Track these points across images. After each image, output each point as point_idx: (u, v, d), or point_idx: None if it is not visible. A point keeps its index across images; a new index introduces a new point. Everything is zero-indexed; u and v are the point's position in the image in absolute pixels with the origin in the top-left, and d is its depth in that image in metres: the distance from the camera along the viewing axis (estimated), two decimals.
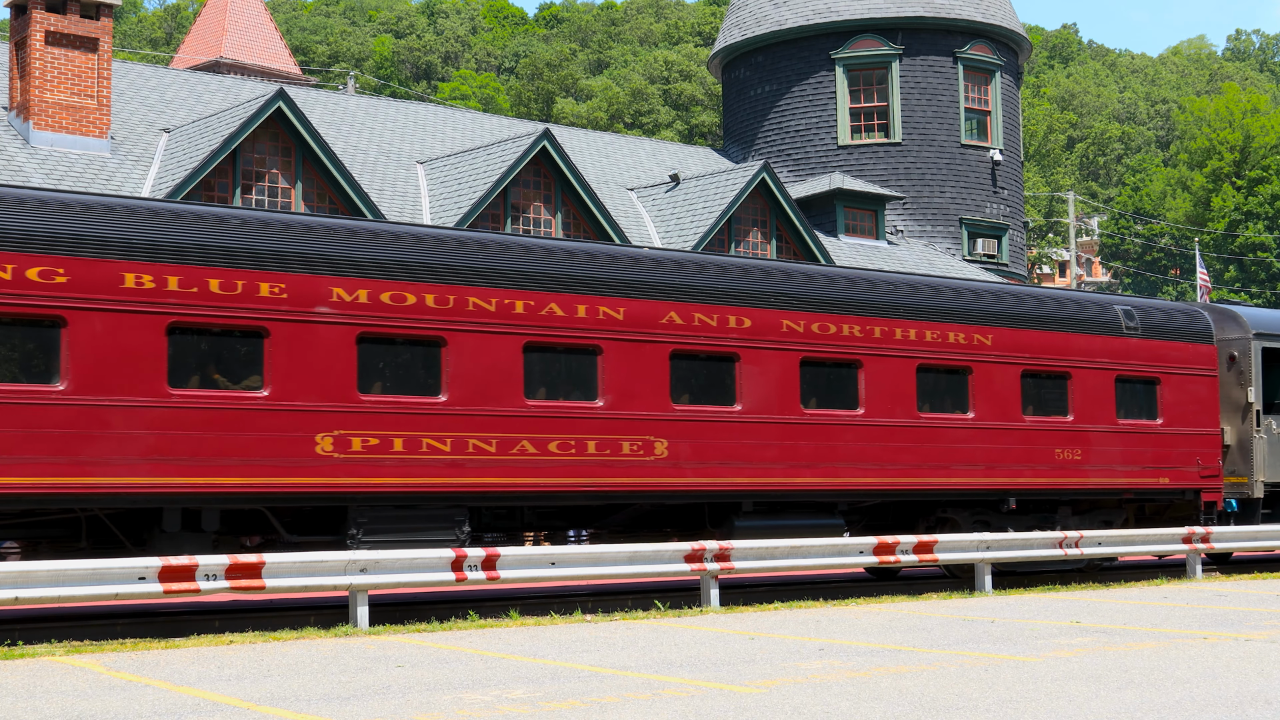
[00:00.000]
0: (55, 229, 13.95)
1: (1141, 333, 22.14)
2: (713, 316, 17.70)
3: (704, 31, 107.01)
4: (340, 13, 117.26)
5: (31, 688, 9.94)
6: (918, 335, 19.53)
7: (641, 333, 17.14)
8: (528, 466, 16.13)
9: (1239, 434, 23.31)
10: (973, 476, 19.83)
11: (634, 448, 16.87)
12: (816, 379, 18.62)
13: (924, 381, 19.59)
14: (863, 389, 18.93)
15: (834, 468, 18.51)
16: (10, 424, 13.48)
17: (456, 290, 15.95)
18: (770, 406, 18.00)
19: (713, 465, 17.46)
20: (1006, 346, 20.46)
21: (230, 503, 14.70)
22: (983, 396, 20.07)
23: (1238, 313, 23.96)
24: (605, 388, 16.79)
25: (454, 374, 15.80)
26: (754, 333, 17.98)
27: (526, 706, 8.98)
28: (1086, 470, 21.09)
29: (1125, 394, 21.83)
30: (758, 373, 17.94)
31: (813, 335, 18.52)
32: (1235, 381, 23.48)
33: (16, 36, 25.85)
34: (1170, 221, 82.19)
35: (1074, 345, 21.27)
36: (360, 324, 15.36)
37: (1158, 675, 10.31)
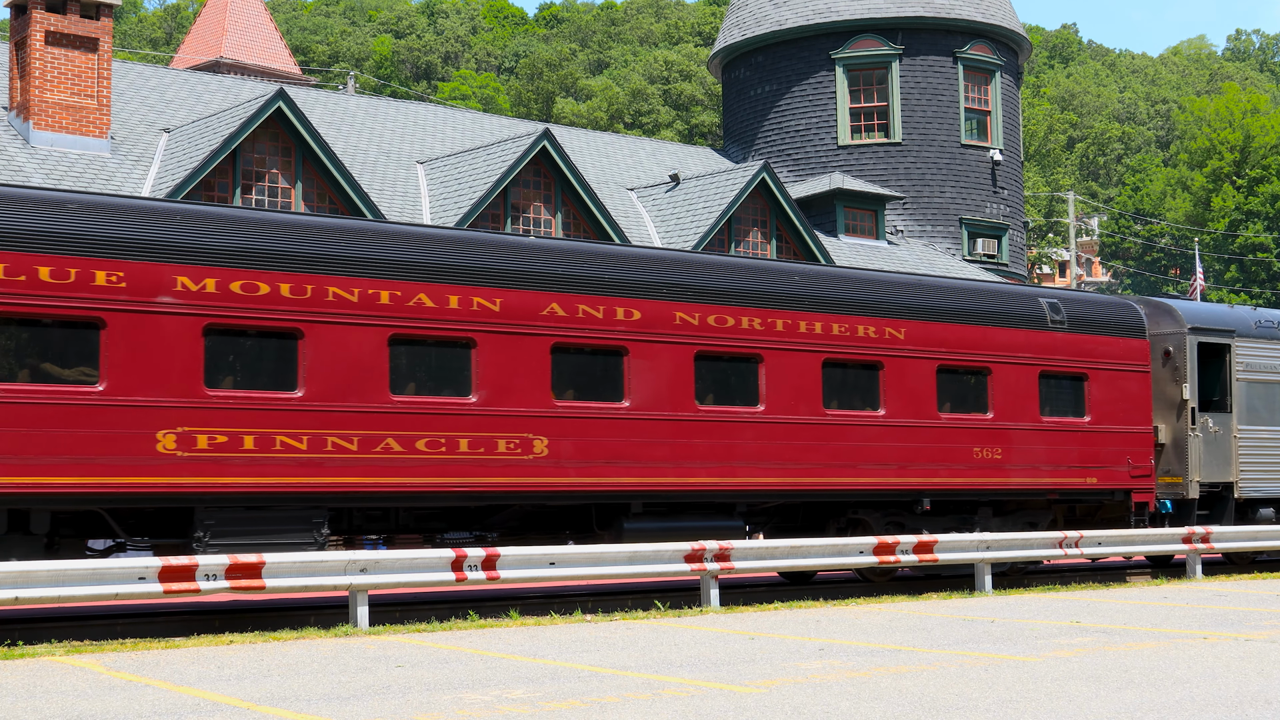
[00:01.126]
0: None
1: (1068, 326, 21.29)
2: (598, 308, 16.87)
3: (704, 31, 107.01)
4: (340, 13, 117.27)
5: (31, 688, 9.94)
6: (824, 328, 18.69)
7: (520, 325, 16.32)
8: (394, 466, 15.35)
9: (1174, 432, 22.50)
10: (884, 476, 19.04)
11: (511, 446, 16.10)
12: (713, 374, 17.82)
13: (831, 377, 18.78)
14: (763, 384, 18.09)
15: (732, 467, 17.69)
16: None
17: (315, 279, 15.12)
18: (662, 403, 17.23)
19: (598, 464, 16.68)
20: (921, 340, 19.62)
21: (61, 504, 13.93)
22: (895, 393, 19.28)
23: (1172, 306, 23.16)
24: (479, 383, 16.01)
25: (312, 368, 15.02)
26: (644, 325, 17.19)
27: (526, 706, 8.98)
28: (1008, 470, 20.29)
29: (1050, 390, 21.01)
30: (648, 367, 17.16)
31: (708, 328, 17.71)
32: (1170, 378, 22.66)
33: (16, 36, 25.85)
34: (1170, 221, 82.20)
35: (994, 339, 20.42)
36: (207, 315, 14.53)
37: (1158, 675, 10.31)
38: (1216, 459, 22.70)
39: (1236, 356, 23.24)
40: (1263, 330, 23.90)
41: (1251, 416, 23.28)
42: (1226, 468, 22.80)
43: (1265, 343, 23.80)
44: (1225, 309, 24.34)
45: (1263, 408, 23.49)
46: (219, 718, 8.72)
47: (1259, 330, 23.83)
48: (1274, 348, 23.88)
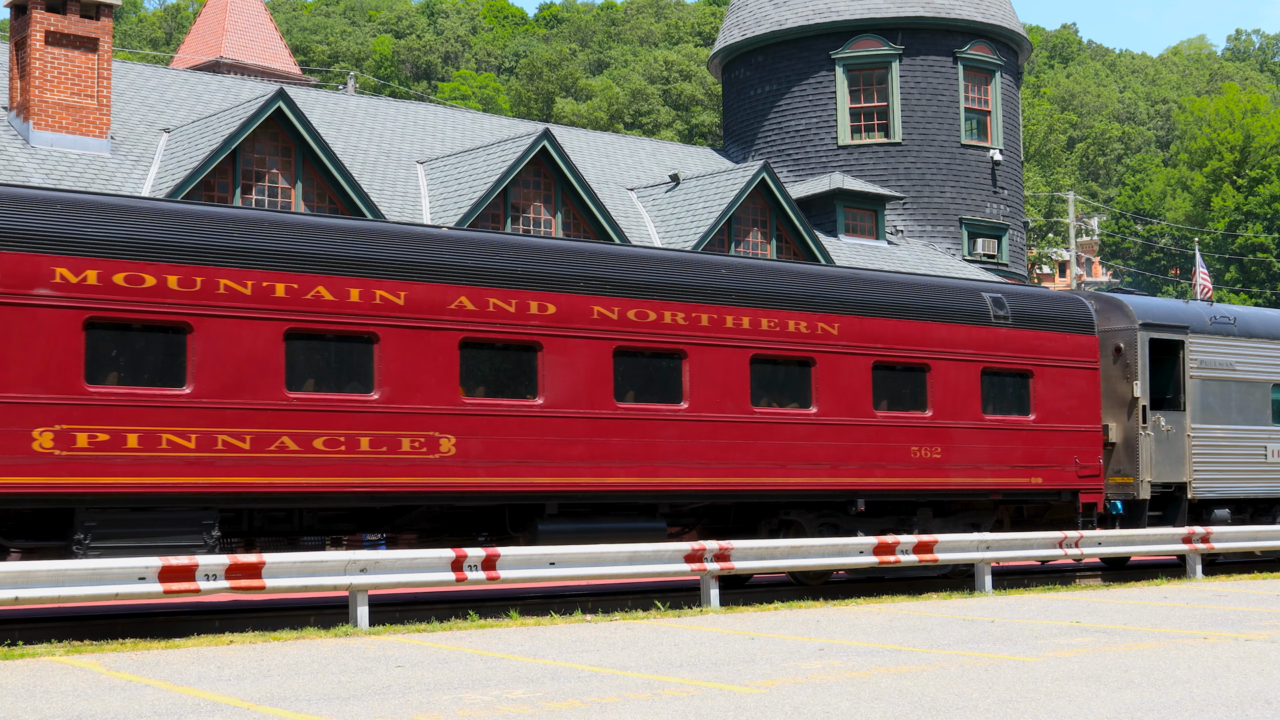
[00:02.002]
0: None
1: (1012, 322, 20.62)
2: (510, 302, 16.26)
3: (704, 31, 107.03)
4: (340, 13, 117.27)
5: (31, 688, 9.94)
6: (752, 323, 18.03)
7: (426, 319, 15.72)
8: (290, 465, 14.76)
9: (1125, 431, 21.90)
10: (816, 476, 18.41)
11: (416, 445, 15.49)
12: (633, 370, 17.22)
13: (759, 373, 18.14)
14: (687, 381, 17.49)
15: (653, 467, 17.07)
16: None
17: (204, 271, 14.48)
18: (578, 400, 16.62)
19: (509, 464, 16.07)
20: (856, 336, 18.98)
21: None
22: (827, 390, 18.63)
23: (1123, 301, 22.51)
24: (382, 379, 15.41)
25: (201, 363, 14.43)
26: (559, 320, 16.57)
27: (526, 706, 8.98)
28: (947, 470, 19.66)
29: (993, 388, 20.37)
30: (564, 363, 16.56)
31: (629, 323, 17.08)
32: (1121, 375, 22.02)
33: (16, 36, 25.85)
34: (1170, 221, 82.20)
35: (934, 335, 19.75)
36: (88, 308, 13.94)
37: (1158, 675, 10.31)
38: (1169, 459, 22.15)
39: (1190, 353, 22.67)
40: (1218, 326, 23.31)
41: (1206, 415, 22.74)
42: (1179, 468, 22.28)
43: (1221, 339, 23.20)
44: (1180, 304, 23.75)
45: (1218, 406, 22.96)
46: (219, 718, 8.72)
47: (1214, 326, 23.25)
48: (1230, 344, 23.30)
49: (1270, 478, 23.64)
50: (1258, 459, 23.46)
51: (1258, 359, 23.71)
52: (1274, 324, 24.48)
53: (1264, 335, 23.99)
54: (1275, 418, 23.83)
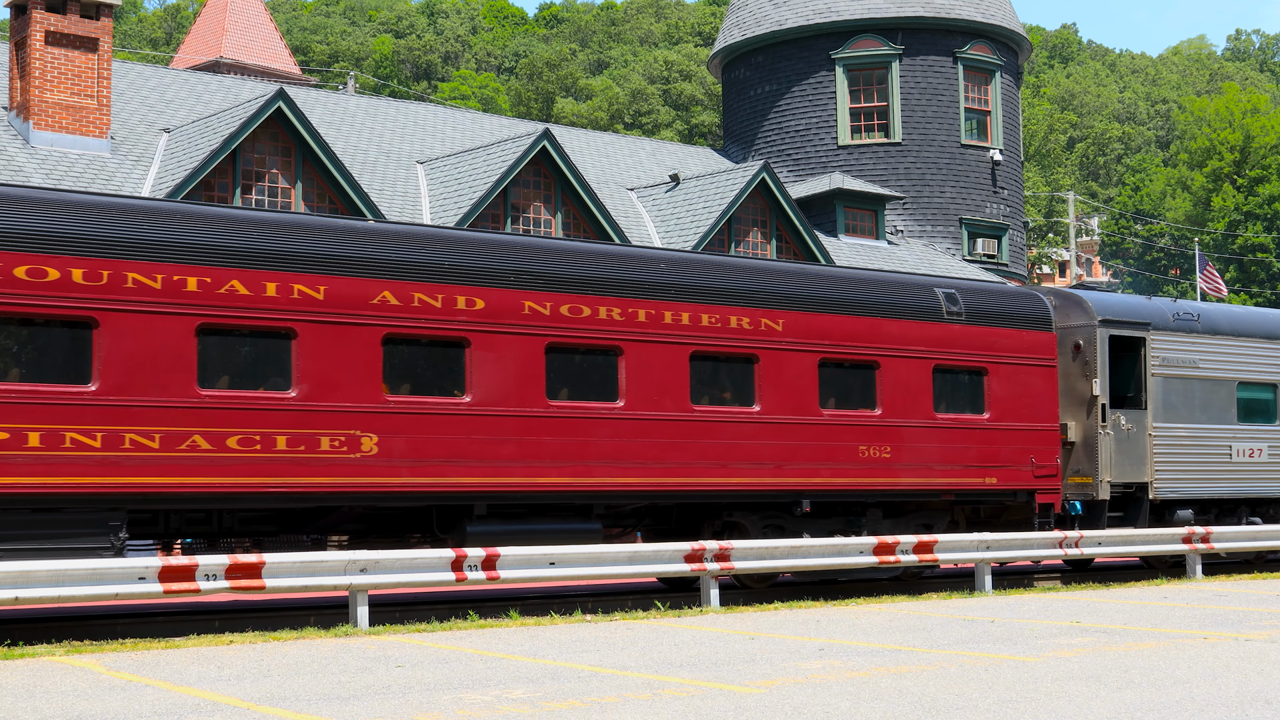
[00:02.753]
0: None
1: (966, 318, 20.11)
2: (436, 296, 15.80)
3: (704, 31, 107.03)
4: (340, 13, 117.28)
5: (31, 688, 9.94)
6: (692, 319, 17.57)
7: (347, 314, 15.26)
8: (202, 465, 14.29)
9: (1084, 430, 21.35)
10: (759, 476, 17.92)
11: (336, 444, 15.03)
12: (566, 367, 16.76)
13: (699, 370, 17.67)
14: (623, 378, 17.00)
15: (587, 466, 16.60)
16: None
17: (112, 265, 14.00)
18: (508, 398, 16.13)
19: (435, 464, 15.61)
20: (801, 332, 18.47)
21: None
22: (771, 387, 18.11)
23: (1082, 297, 21.94)
24: (300, 376, 14.94)
25: (108, 359, 13.94)
26: (488, 315, 16.10)
27: (526, 706, 8.98)
28: (897, 470, 19.16)
29: (945, 385, 19.87)
30: (493, 360, 16.07)
31: (561, 318, 16.60)
32: (1081, 373, 21.48)
33: (16, 36, 25.85)
34: (1170, 221, 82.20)
35: (884, 331, 19.26)
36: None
37: (1158, 675, 10.31)
38: (1130, 458, 21.66)
39: (1152, 350, 22.17)
40: (1181, 323, 22.76)
41: (1168, 413, 22.23)
42: (1141, 467, 21.79)
43: (1184, 336, 22.67)
44: (1142, 301, 23.16)
45: (1181, 404, 22.45)
46: (219, 718, 8.72)
47: (1177, 323, 22.70)
48: (1193, 341, 22.78)
49: (1235, 478, 23.14)
50: (1222, 459, 22.96)
51: (1222, 356, 23.17)
52: (1239, 321, 23.96)
53: (1229, 332, 23.45)
54: (1241, 416, 23.35)
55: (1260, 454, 23.43)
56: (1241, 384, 23.44)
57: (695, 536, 18.19)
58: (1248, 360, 23.57)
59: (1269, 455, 23.57)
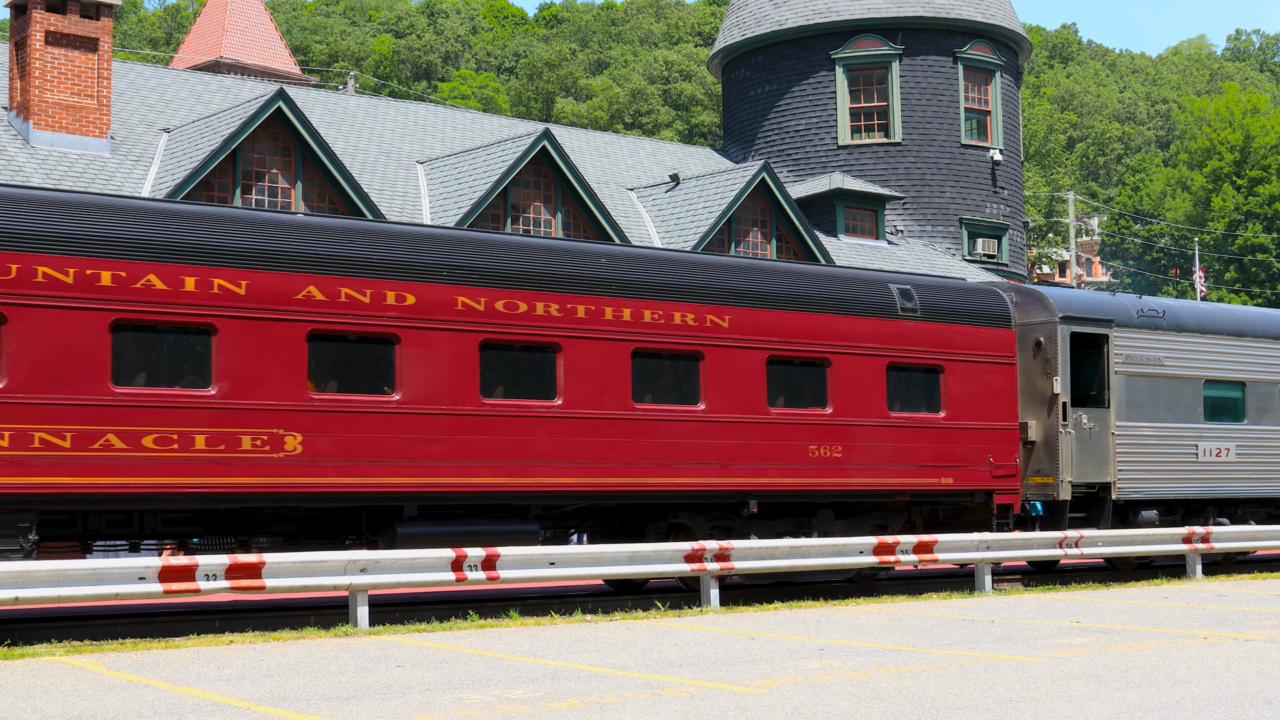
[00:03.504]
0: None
1: (921, 315, 19.65)
2: (365, 292, 15.35)
3: (704, 31, 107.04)
4: (340, 13, 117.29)
5: (31, 688, 9.94)
6: (634, 315, 17.12)
7: (270, 309, 14.82)
8: (116, 465, 13.88)
9: (1045, 429, 20.85)
10: (704, 476, 17.49)
11: (258, 443, 14.62)
12: (502, 364, 16.34)
13: (642, 368, 17.22)
14: (562, 376, 16.56)
15: (524, 466, 16.16)
16: None
17: (21, 258, 13.62)
18: (440, 396, 15.72)
19: (363, 463, 15.20)
20: (749, 329, 18.02)
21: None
22: (717, 385, 17.68)
23: (1043, 293, 21.44)
24: (221, 373, 14.52)
25: (16, 356, 13.54)
26: (419, 311, 15.68)
27: (526, 706, 8.98)
28: (849, 469, 18.71)
29: (900, 384, 19.43)
30: (424, 357, 15.66)
31: (497, 314, 16.18)
32: (1041, 370, 20.97)
33: (16, 36, 25.86)
34: (1170, 221, 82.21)
35: (835, 328, 18.79)
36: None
37: (1158, 675, 10.31)
38: (1092, 458, 21.15)
39: (1115, 347, 21.64)
40: (1146, 319, 22.25)
41: (1132, 412, 21.74)
42: (1103, 467, 21.28)
43: (1148, 333, 22.17)
44: (1105, 297, 22.64)
45: (1145, 402, 21.94)
46: (219, 718, 8.72)
47: (1141, 319, 22.18)
48: (1158, 338, 22.27)
49: (1202, 478, 22.63)
50: (1188, 458, 22.47)
51: (1188, 354, 22.69)
52: (1206, 318, 23.45)
53: (1195, 329, 22.96)
54: (1207, 415, 22.84)
55: (1228, 453, 22.94)
56: (1208, 382, 22.95)
57: (640, 538, 17.85)
58: (1215, 358, 23.07)
59: (1237, 455, 23.08)
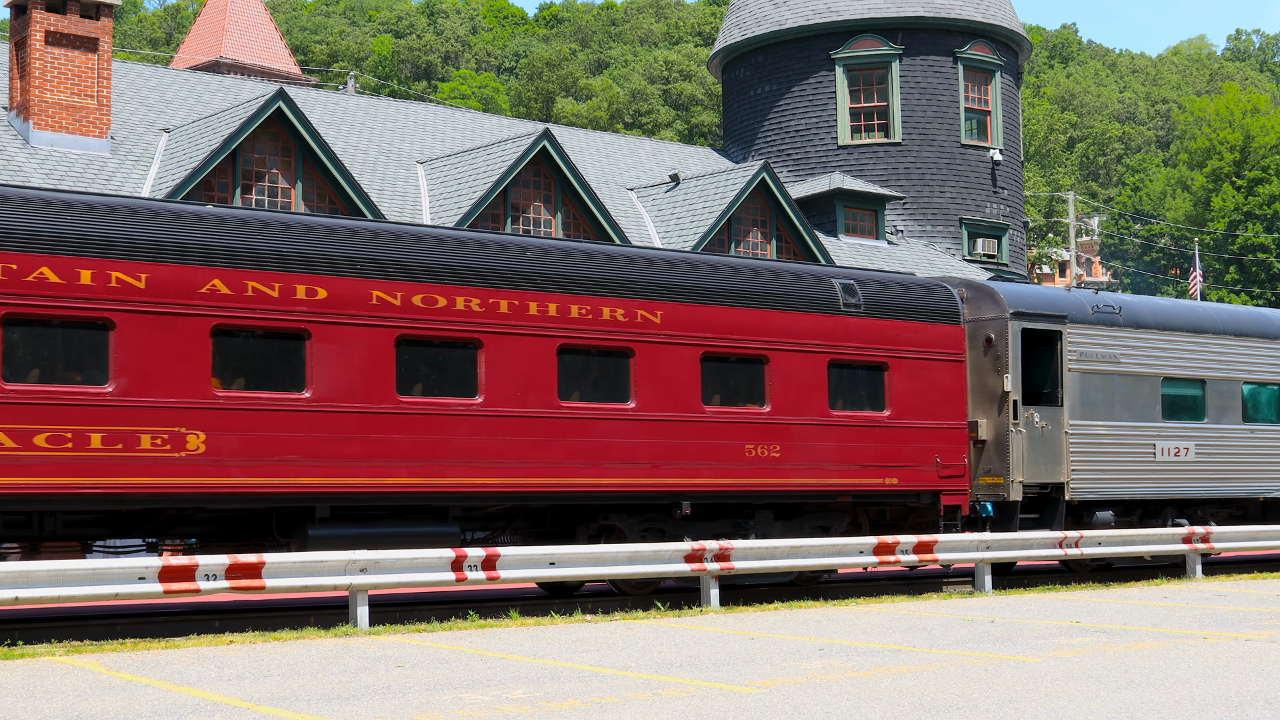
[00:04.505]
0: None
1: (865, 310, 19.11)
2: (273, 285, 14.85)
3: (704, 31, 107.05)
4: (340, 13, 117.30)
5: (31, 688, 9.94)
6: (560, 310, 16.61)
7: (171, 304, 14.31)
8: (6, 465, 13.45)
9: (996, 428, 20.29)
10: (635, 476, 16.99)
11: (158, 442, 14.14)
12: (419, 361, 15.86)
13: (568, 365, 16.75)
14: (483, 373, 16.04)
15: (442, 466, 15.70)
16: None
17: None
18: (354, 394, 15.22)
19: (271, 463, 14.71)
20: (682, 325, 17.51)
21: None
22: (648, 383, 17.17)
23: (994, 289, 20.85)
24: (118, 370, 14.03)
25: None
26: (331, 305, 15.17)
27: (526, 706, 8.98)
28: (787, 469, 18.17)
29: (842, 381, 18.88)
30: (337, 353, 15.16)
31: (414, 309, 15.68)
32: (992, 368, 20.41)
33: (16, 36, 25.86)
34: (1170, 221, 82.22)
35: (774, 324, 18.25)
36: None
37: (1158, 675, 10.31)
38: (1044, 457, 20.59)
39: (1069, 344, 21.04)
40: (1101, 315, 21.64)
41: (1086, 410, 21.15)
42: (1056, 467, 20.71)
43: (1104, 329, 21.57)
44: (1059, 292, 22.03)
45: (1101, 401, 21.35)
46: (219, 718, 8.72)
47: (1097, 315, 21.57)
48: (1114, 335, 21.66)
49: (1160, 478, 22.05)
50: (1145, 458, 21.89)
51: (1146, 351, 22.11)
52: (1164, 314, 22.85)
53: (1154, 326, 22.35)
54: (1166, 414, 22.26)
55: (1187, 453, 22.38)
56: (1167, 379, 22.39)
57: (570, 540, 17.44)
58: (1174, 355, 22.52)
59: (1197, 454, 22.54)
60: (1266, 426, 23.75)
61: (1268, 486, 23.61)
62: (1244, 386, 23.51)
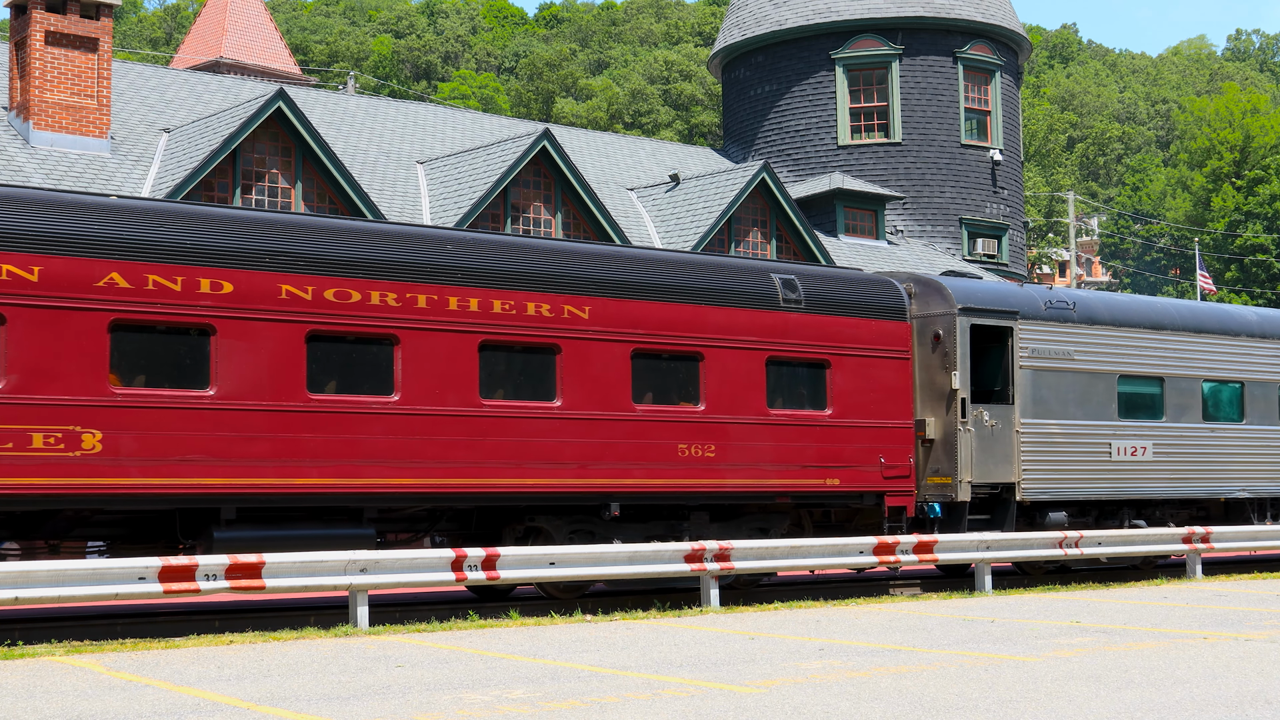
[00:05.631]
0: None
1: (805, 306, 18.56)
2: (175, 279, 14.34)
3: (704, 31, 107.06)
4: (340, 13, 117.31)
5: (31, 688, 9.94)
6: (482, 305, 16.11)
7: (65, 298, 13.85)
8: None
9: (945, 427, 19.78)
10: (561, 477, 16.47)
11: (51, 441, 13.65)
12: (333, 357, 15.33)
13: (491, 362, 16.22)
14: (399, 370, 15.55)
15: (356, 466, 15.20)
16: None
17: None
18: (261, 391, 14.73)
19: (172, 463, 14.18)
20: (612, 320, 16.99)
21: None
22: (575, 380, 16.65)
23: (942, 284, 20.27)
24: (8, 366, 13.57)
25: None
26: (237, 300, 14.65)
27: (526, 706, 8.98)
28: (723, 470, 17.65)
29: (781, 379, 18.37)
30: (244, 349, 14.67)
31: (326, 304, 15.17)
32: (941, 365, 19.88)
33: (16, 36, 25.86)
34: (1170, 221, 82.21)
35: (709, 320, 17.73)
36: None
37: (1158, 675, 10.31)
38: (994, 456, 20.03)
39: (1020, 341, 20.49)
40: (1054, 312, 21.06)
41: (1039, 408, 20.58)
42: (1007, 466, 20.18)
43: (1057, 325, 21.00)
44: (1011, 288, 21.52)
45: (1054, 399, 20.79)
46: (219, 718, 8.72)
47: (1050, 311, 20.99)
48: (1068, 331, 21.10)
49: (1116, 478, 21.45)
50: (1100, 457, 21.30)
51: (1101, 347, 21.52)
52: (1120, 310, 22.22)
53: (1108, 322, 21.76)
54: (1122, 412, 21.66)
55: (1144, 452, 21.79)
56: (1123, 377, 21.79)
57: (497, 542, 16.91)
58: (1130, 352, 21.96)
59: (1155, 454, 21.93)
60: (1228, 425, 23.14)
61: (1229, 487, 22.98)
62: (1204, 384, 22.90)
